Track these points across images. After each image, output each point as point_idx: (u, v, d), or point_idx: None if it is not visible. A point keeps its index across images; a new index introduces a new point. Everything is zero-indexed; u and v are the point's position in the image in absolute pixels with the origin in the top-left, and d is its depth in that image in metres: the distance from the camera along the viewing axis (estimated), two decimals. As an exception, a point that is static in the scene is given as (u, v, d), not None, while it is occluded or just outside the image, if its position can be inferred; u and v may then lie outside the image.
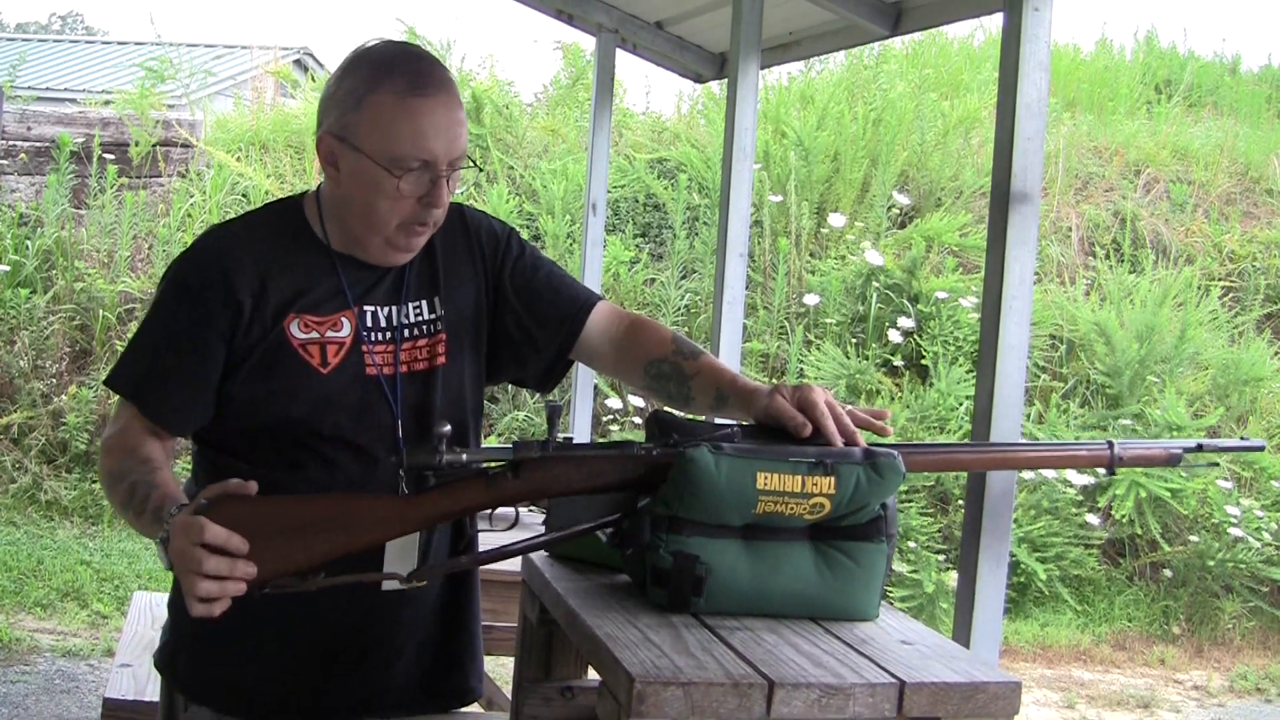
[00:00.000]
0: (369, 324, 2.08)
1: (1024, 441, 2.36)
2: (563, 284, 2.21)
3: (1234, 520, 7.67)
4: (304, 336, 2.03)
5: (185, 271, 2.07)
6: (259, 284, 2.02)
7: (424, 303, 2.13)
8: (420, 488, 1.82)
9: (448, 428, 1.80)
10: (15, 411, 8.16)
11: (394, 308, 2.10)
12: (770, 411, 1.87)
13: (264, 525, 1.75)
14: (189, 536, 1.70)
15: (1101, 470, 2.01)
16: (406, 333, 2.10)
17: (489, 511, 1.85)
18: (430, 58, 2.05)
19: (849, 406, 1.91)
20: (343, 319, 2.06)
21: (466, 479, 1.81)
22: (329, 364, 2.04)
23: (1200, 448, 2.08)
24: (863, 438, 1.87)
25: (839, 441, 1.83)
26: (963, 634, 2.43)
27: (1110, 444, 2.01)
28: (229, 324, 2.01)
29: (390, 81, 1.96)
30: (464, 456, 1.79)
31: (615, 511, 1.82)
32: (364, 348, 2.06)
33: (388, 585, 2.07)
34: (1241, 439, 2.21)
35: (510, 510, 1.88)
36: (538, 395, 8.23)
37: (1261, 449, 2.23)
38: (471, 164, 2.06)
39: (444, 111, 1.97)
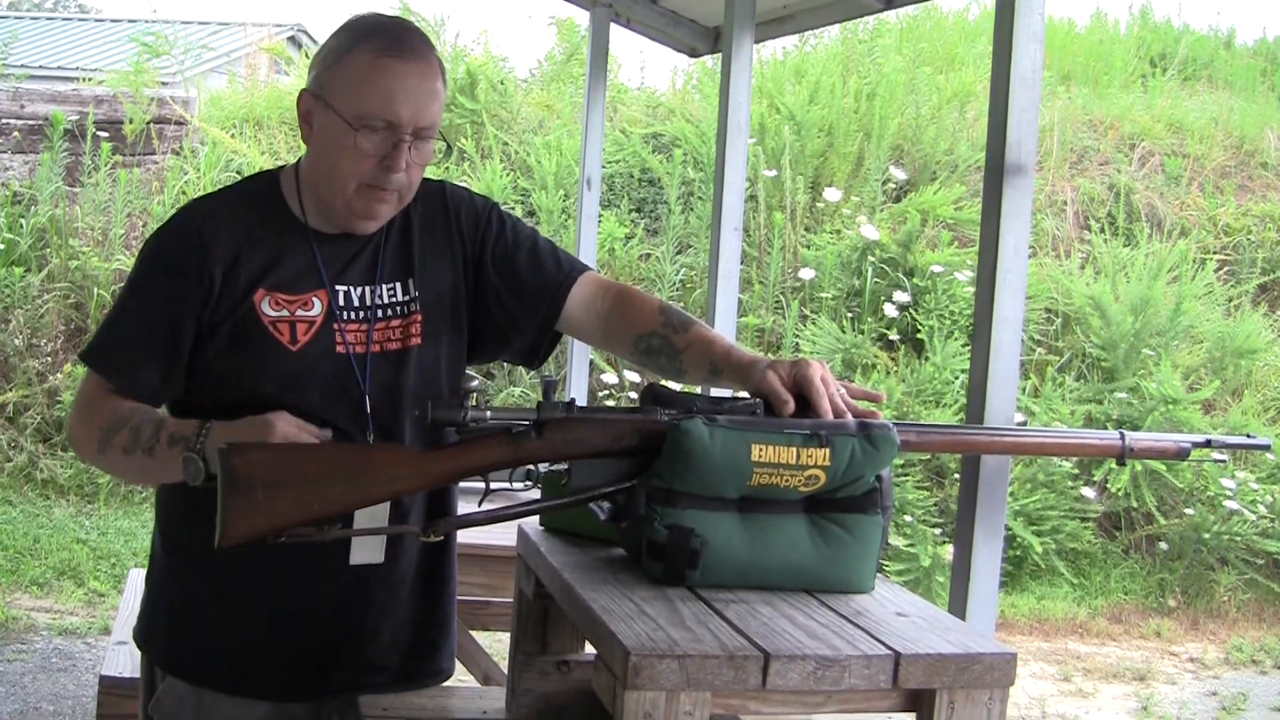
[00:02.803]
0: (342, 303, 2.07)
1: (1037, 428, 2.37)
2: (544, 258, 2.19)
3: (1230, 493, 7.69)
4: (274, 314, 2.03)
5: (162, 245, 2.07)
6: (232, 258, 2.02)
7: (398, 284, 2.12)
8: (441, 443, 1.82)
9: (476, 382, 1.80)
10: (10, 390, 8.16)
11: (368, 288, 2.09)
12: (762, 388, 1.87)
13: (282, 473, 1.74)
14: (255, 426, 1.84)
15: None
16: (380, 313, 2.09)
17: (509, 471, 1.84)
18: (415, 29, 2.06)
19: (844, 382, 1.91)
20: (314, 298, 2.05)
21: (489, 436, 1.80)
22: (298, 341, 2.03)
23: (1209, 443, 2.10)
24: (860, 407, 1.87)
25: (829, 418, 1.83)
26: (958, 607, 2.43)
27: (1122, 434, 2.03)
28: (200, 298, 2.01)
29: (368, 42, 1.98)
30: (488, 414, 1.79)
31: (635, 475, 1.81)
32: (336, 325, 2.05)
33: (359, 559, 2.07)
34: (1248, 435, 2.22)
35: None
36: (532, 371, 8.22)
37: (1268, 447, 2.24)
38: (441, 139, 2.05)
39: (416, 79, 1.98)
